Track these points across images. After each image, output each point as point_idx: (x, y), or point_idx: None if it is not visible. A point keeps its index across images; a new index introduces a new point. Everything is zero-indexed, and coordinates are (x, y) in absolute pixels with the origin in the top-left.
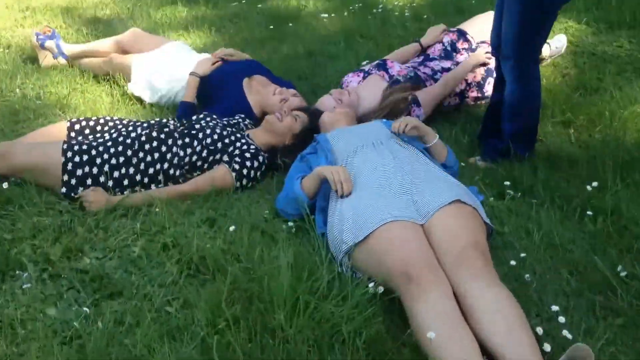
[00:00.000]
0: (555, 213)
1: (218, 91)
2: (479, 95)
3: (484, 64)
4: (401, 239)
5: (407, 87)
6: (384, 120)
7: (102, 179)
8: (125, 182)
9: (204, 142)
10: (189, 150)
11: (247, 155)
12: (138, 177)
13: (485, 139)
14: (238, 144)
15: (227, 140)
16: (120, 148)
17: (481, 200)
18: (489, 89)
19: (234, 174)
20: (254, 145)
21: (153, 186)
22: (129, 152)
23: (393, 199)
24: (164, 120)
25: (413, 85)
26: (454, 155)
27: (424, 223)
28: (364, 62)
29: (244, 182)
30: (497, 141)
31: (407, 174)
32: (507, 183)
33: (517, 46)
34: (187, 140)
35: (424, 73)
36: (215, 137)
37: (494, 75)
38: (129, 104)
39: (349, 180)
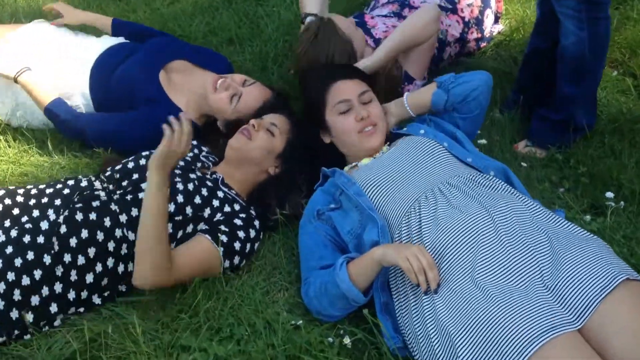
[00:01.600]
0: None
1: (124, 98)
2: (479, 35)
3: None
4: None
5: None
6: (418, 123)
7: (13, 315)
8: (53, 307)
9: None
10: None
11: (238, 222)
12: (72, 295)
13: (531, 112)
14: (216, 203)
15: (197, 200)
16: (30, 255)
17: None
18: (487, 24)
19: (220, 249)
20: (238, 200)
21: (96, 298)
22: (47, 259)
23: (519, 292)
24: (84, 180)
25: None
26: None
27: (580, 327)
28: None
29: (236, 261)
30: (546, 111)
31: (517, 236)
32: (609, 194)
33: None
34: (135, 212)
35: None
36: (181, 198)
37: (491, 4)
38: None
39: (434, 265)
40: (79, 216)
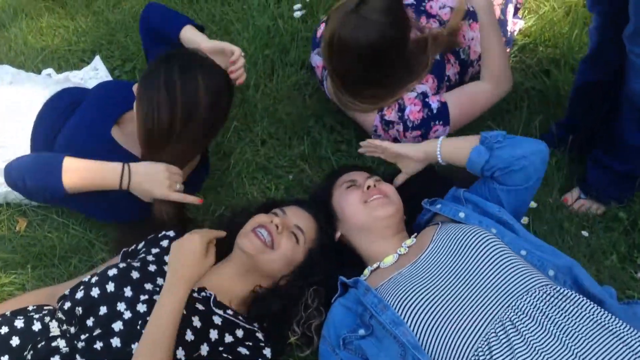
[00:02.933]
0: None
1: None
2: (503, 39)
3: None
4: None
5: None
6: (453, 203)
7: None
8: None
9: None
10: None
11: (243, 350)
12: None
13: (581, 152)
14: (214, 334)
15: (190, 336)
16: None
17: None
18: (509, 23)
19: None
20: (239, 322)
21: None
22: None
23: None
24: (36, 321)
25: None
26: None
27: None
28: None
29: None
30: (607, 159)
31: None
32: None
33: None
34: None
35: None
36: None
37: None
38: None
39: None
40: None
